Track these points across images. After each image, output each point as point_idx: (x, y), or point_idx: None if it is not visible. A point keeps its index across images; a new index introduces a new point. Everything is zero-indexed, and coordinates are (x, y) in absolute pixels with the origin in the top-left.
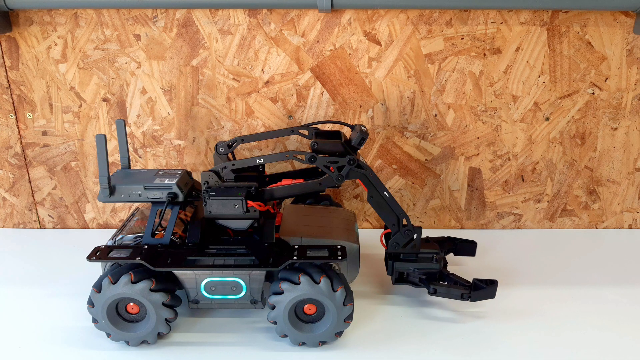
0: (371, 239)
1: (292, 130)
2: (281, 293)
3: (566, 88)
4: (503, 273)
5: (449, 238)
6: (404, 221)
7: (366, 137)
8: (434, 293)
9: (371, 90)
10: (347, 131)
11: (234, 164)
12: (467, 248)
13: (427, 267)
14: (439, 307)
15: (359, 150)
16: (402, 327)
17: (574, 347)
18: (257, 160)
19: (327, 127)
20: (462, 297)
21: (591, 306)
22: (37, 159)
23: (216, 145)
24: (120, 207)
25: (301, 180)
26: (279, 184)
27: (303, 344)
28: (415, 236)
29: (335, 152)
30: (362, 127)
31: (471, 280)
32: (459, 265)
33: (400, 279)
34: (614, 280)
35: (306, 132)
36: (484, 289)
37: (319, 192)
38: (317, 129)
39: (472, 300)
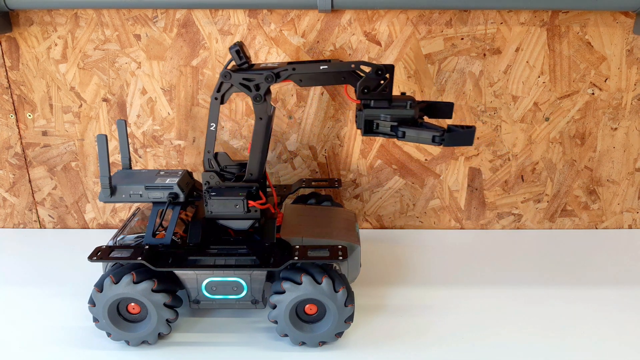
0: (372, 239)
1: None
2: (283, 292)
3: (566, 88)
4: (503, 273)
5: (424, 101)
6: (366, 67)
7: (234, 46)
8: (403, 137)
9: None
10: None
11: (209, 151)
12: (443, 109)
13: (400, 114)
14: (439, 308)
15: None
16: (402, 327)
17: (574, 348)
18: (210, 128)
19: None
20: (433, 141)
21: (591, 306)
22: (37, 159)
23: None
24: (121, 207)
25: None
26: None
27: (303, 343)
28: (388, 75)
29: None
30: (231, 46)
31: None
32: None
33: (370, 128)
34: (614, 281)
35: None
36: (458, 131)
37: (267, 126)
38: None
39: (445, 145)
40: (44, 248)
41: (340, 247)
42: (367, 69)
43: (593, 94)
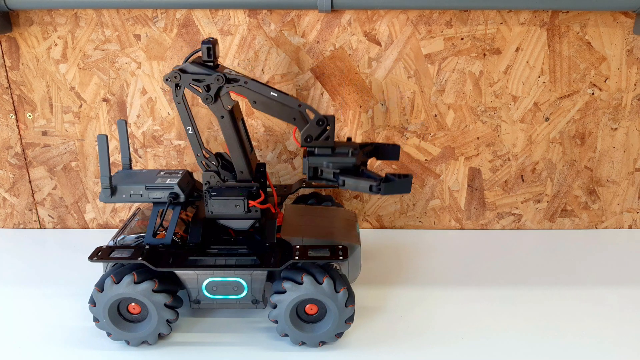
0: (372, 239)
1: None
2: (284, 292)
3: (566, 88)
4: (503, 273)
5: (371, 143)
6: (310, 113)
7: (207, 42)
8: (343, 185)
9: (371, 91)
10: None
11: (198, 155)
12: (389, 151)
13: (342, 162)
14: (439, 308)
15: None
16: (402, 327)
17: (574, 348)
18: (188, 132)
19: None
20: (371, 190)
21: (591, 307)
22: (37, 159)
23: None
24: (121, 207)
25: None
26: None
27: (303, 343)
28: (328, 126)
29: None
30: (204, 40)
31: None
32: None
33: (315, 175)
34: (613, 281)
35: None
36: (395, 181)
37: (232, 122)
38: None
39: (383, 193)
40: (43, 248)
41: (340, 247)
42: (311, 115)
43: (593, 94)
